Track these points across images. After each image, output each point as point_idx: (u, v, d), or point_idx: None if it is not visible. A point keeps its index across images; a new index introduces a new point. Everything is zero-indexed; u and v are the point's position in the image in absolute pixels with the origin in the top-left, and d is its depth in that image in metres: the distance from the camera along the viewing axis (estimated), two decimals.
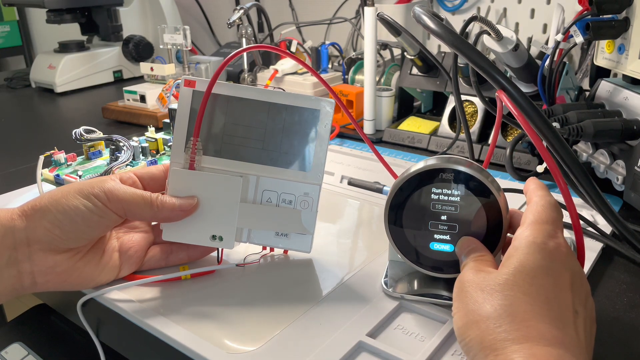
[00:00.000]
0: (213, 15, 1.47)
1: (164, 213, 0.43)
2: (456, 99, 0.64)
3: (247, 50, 0.48)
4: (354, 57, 0.96)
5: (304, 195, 0.45)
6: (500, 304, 0.31)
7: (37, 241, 0.39)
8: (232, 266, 0.46)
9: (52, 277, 0.41)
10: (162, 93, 0.88)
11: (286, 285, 0.44)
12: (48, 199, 0.40)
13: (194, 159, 0.44)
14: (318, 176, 0.45)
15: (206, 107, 0.44)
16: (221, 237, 0.44)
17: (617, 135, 0.52)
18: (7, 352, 0.54)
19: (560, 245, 0.34)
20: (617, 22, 0.55)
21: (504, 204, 0.38)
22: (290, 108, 0.45)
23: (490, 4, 0.95)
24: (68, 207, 0.40)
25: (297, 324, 0.39)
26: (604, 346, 0.37)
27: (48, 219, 0.39)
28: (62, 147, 0.65)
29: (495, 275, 0.33)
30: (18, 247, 0.39)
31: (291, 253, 0.49)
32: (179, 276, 0.44)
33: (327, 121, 0.45)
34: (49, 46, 1.32)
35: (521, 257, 0.33)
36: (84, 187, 0.41)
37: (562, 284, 0.32)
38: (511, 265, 0.33)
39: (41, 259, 0.40)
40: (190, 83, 0.44)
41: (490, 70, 0.38)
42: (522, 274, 0.32)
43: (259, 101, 0.45)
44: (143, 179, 0.45)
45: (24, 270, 0.40)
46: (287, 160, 0.45)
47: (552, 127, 0.38)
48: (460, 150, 0.73)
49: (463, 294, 0.34)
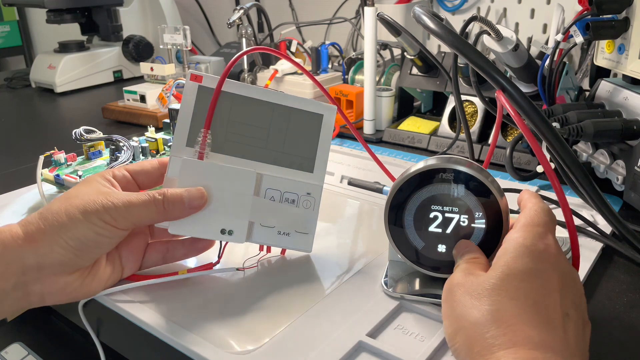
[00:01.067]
0: (213, 15, 1.47)
1: (174, 213, 0.42)
2: (456, 99, 0.64)
3: (253, 51, 0.48)
4: (354, 57, 0.96)
5: (307, 195, 0.45)
6: (488, 309, 0.31)
7: (49, 266, 0.39)
8: (231, 271, 0.46)
9: (62, 296, 0.40)
10: (162, 93, 0.88)
11: (286, 285, 0.44)
12: (55, 222, 0.39)
13: (204, 150, 0.44)
14: (320, 177, 0.46)
15: (212, 103, 0.44)
16: (231, 231, 0.44)
17: (617, 135, 0.52)
18: (7, 352, 0.54)
19: (550, 247, 0.33)
20: (617, 22, 0.55)
21: (504, 204, 0.38)
22: (295, 111, 0.45)
23: (490, 4, 0.95)
24: (78, 233, 0.39)
25: (297, 323, 0.39)
26: (604, 346, 0.37)
27: (60, 244, 0.38)
28: (62, 147, 0.65)
29: (483, 279, 0.33)
30: (27, 272, 0.38)
31: (289, 254, 0.48)
32: (176, 272, 0.44)
33: (330, 125, 0.46)
34: (49, 46, 1.32)
35: (509, 260, 0.33)
36: (88, 207, 0.39)
37: (551, 286, 0.32)
38: (498, 269, 0.32)
39: (52, 282, 0.39)
40: (196, 78, 0.44)
41: (490, 70, 0.38)
42: (510, 277, 0.32)
43: (264, 101, 0.45)
44: (136, 174, 0.45)
45: (33, 292, 0.39)
46: (290, 160, 0.45)
47: (552, 127, 0.38)
48: (460, 150, 0.73)
49: (451, 297, 0.34)
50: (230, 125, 0.45)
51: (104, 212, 0.39)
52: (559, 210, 0.55)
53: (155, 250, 0.46)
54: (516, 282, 0.32)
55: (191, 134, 0.44)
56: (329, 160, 0.47)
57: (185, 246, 0.46)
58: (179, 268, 0.46)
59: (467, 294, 0.33)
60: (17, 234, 0.39)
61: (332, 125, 0.46)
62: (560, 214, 0.54)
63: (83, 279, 0.41)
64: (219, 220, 0.44)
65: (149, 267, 0.46)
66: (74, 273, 0.40)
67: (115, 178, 0.43)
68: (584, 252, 0.48)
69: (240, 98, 0.45)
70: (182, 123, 0.44)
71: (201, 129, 0.44)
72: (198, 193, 0.43)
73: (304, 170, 0.46)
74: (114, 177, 0.43)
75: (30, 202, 0.61)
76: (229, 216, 0.44)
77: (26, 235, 0.39)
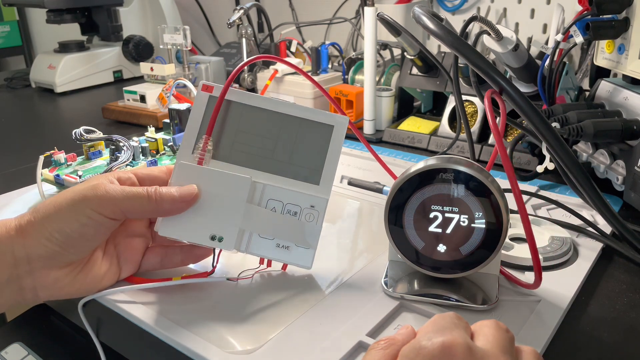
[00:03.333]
0: (213, 15, 1.47)
1: (165, 205, 0.41)
2: (457, 99, 0.64)
3: (256, 60, 0.48)
4: (354, 57, 0.96)
5: (310, 208, 0.44)
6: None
7: (37, 258, 0.39)
8: (222, 279, 0.45)
9: (54, 291, 0.40)
10: (162, 93, 0.88)
11: (286, 285, 0.44)
12: (42, 213, 0.39)
13: (203, 156, 0.44)
14: (326, 190, 0.44)
15: (219, 112, 0.44)
16: (221, 238, 0.43)
17: (617, 135, 0.52)
18: (7, 352, 0.54)
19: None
20: (617, 22, 0.55)
21: (504, 204, 0.38)
22: (305, 121, 0.45)
23: (490, 4, 0.95)
24: (63, 224, 0.38)
25: (297, 324, 0.39)
26: (604, 346, 0.37)
27: (45, 236, 0.38)
28: (62, 147, 0.65)
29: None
30: (19, 264, 0.38)
31: (290, 269, 0.47)
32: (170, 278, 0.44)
33: (340, 137, 0.44)
34: (49, 46, 1.32)
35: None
36: (76, 197, 0.39)
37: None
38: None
39: (43, 275, 0.39)
40: (207, 88, 0.44)
41: (489, 70, 0.38)
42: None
43: (273, 112, 0.45)
44: (143, 180, 0.44)
45: (26, 286, 0.39)
46: (296, 172, 0.44)
47: (552, 128, 0.38)
48: (460, 150, 0.73)
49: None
50: (238, 135, 0.45)
51: (92, 198, 0.39)
52: (559, 211, 0.55)
53: (154, 253, 0.46)
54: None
55: (198, 142, 0.44)
56: None
57: (183, 252, 0.46)
58: (176, 274, 0.46)
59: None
60: (10, 227, 0.39)
61: (343, 137, 0.44)
62: (561, 215, 0.54)
63: (75, 274, 0.41)
64: (209, 226, 0.43)
65: (147, 270, 0.46)
66: (65, 267, 0.40)
67: (119, 180, 0.42)
68: (584, 252, 0.48)
69: (250, 108, 0.45)
70: (190, 131, 0.44)
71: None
72: (189, 188, 0.43)
73: (310, 182, 0.44)
74: (119, 179, 0.42)
75: (30, 202, 0.61)
76: (219, 222, 0.43)
77: (18, 228, 0.39)
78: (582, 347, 0.37)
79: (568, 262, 0.46)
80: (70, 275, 0.40)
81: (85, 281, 0.41)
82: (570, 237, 0.48)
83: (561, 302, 0.41)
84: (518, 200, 0.36)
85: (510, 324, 0.38)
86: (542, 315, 0.39)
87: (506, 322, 0.38)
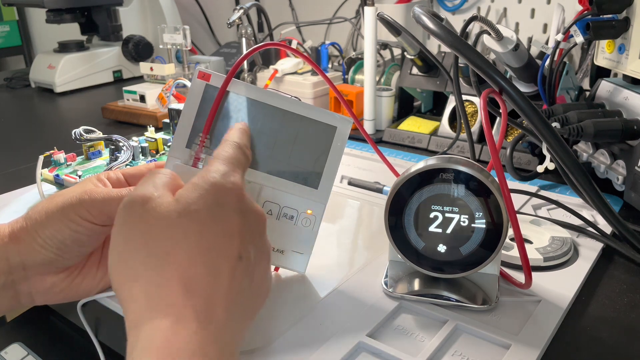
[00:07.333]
0: (213, 15, 1.47)
1: None
2: (457, 98, 0.64)
3: (265, 46, 0.45)
4: (354, 57, 0.96)
5: (307, 213, 0.43)
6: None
7: (32, 265, 0.38)
8: None
9: (51, 296, 0.40)
10: (162, 93, 0.88)
11: (286, 285, 0.44)
12: (34, 220, 0.38)
13: (199, 157, 0.41)
14: (325, 195, 0.43)
15: (218, 105, 0.41)
16: None
17: (618, 135, 0.52)
18: (7, 352, 0.54)
19: (237, 186, 0.34)
20: (618, 22, 0.55)
21: (504, 204, 0.38)
22: (306, 120, 0.42)
23: (490, 4, 0.95)
24: (55, 231, 0.38)
25: (297, 324, 0.39)
26: (604, 346, 0.37)
27: (39, 243, 0.38)
28: (62, 147, 0.65)
29: (165, 209, 0.32)
30: (14, 271, 0.38)
31: (282, 270, 0.46)
32: None
33: (343, 140, 0.42)
34: (49, 46, 1.32)
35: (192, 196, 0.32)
36: (65, 203, 0.38)
37: (231, 230, 0.32)
38: (180, 203, 0.32)
39: (39, 281, 0.39)
40: (204, 76, 0.41)
41: (489, 70, 0.38)
42: (188, 217, 0.32)
43: (274, 107, 0.41)
44: (130, 177, 0.43)
45: (22, 292, 0.39)
46: (294, 174, 0.42)
47: (552, 128, 0.38)
48: (460, 150, 0.73)
49: (131, 217, 0.33)
50: None
51: (79, 206, 0.38)
52: (559, 211, 0.55)
53: None
54: (194, 226, 0.31)
55: (192, 134, 0.41)
56: None
57: None
58: None
59: (145, 221, 0.31)
60: (4, 234, 0.38)
61: (346, 139, 0.42)
62: (561, 215, 0.54)
63: (72, 279, 0.40)
64: None
65: None
66: (61, 273, 0.39)
67: (109, 179, 0.42)
68: (585, 252, 0.48)
69: (249, 101, 0.42)
70: (184, 122, 0.41)
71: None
72: None
73: (309, 185, 0.42)
74: (108, 178, 0.41)
75: (30, 202, 0.61)
76: None
77: (11, 234, 0.38)
78: (582, 347, 0.37)
79: (568, 262, 0.46)
80: (66, 280, 0.40)
81: (82, 285, 0.41)
82: (570, 237, 0.48)
83: (561, 302, 0.41)
84: (507, 199, 0.36)
85: (511, 324, 0.38)
86: (542, 315, 0.39)
87: (506, 322, 0.39)
